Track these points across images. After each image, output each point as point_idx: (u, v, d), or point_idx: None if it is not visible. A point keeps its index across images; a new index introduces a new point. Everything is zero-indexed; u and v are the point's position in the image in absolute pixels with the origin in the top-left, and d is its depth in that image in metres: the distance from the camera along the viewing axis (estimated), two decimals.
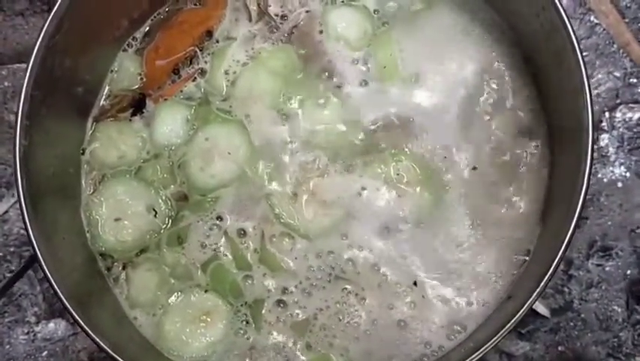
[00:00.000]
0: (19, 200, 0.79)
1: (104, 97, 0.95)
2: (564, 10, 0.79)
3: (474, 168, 0.91)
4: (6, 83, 1.13)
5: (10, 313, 1.07)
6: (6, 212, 1.10)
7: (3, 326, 1.07)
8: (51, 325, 1.06)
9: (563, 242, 0.75)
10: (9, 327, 1.07)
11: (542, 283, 0.75)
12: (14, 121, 1.09)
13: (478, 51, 0.93)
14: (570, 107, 0.80)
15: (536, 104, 0.92)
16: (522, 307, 0.75)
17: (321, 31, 0.94)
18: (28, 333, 1.07)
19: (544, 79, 0.90)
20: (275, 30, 0.95)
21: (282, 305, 0.89)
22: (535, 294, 0.75)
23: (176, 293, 0.89)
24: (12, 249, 1.09)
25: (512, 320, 0.75)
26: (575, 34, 0.78)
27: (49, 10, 0.82)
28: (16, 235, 1.09)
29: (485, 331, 0.82)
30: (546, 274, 0.75)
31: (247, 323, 0.89)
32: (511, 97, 0.92)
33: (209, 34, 0.94)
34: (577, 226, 0.77)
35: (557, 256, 0.75)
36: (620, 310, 1.04)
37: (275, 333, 0.89)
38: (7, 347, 1.06)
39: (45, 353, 1.06)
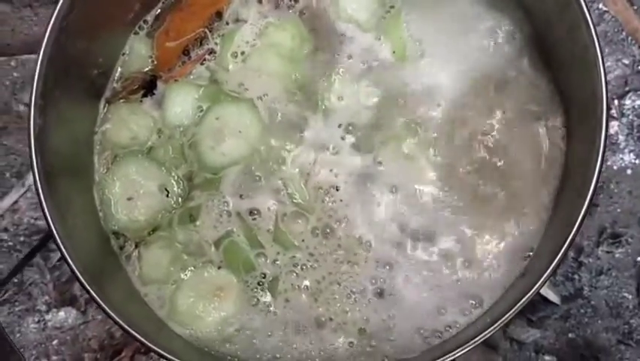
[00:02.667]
0: (34, 179, 0.80)
1: (115, 79, 0.95)
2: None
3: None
4: (15, 74, 1.14)
5: (21, 302, 1.07)
6: (16, 202, 1.10)
7: (13, 315, 1.07)
8: (61, 313, 1.07)
9: (577, 218, 0.75)
10: (19, 316, 1.07)
11: (556, 260, 0.75)
12: (23, 111, 1.12)
13: (490, 30, 0.93)
14: (584, 84, 0.80)
15: (550, 84, 0.91)
16: (536, 284, 0.75)
17: (331, 13, 0.94)
18: (38, 322, 1.07)
19: (557, 57, 0.90)
20: (286, 9, 0.95)
21: (296, 277, 0.90)
22: (549, 270, 0.75)
23: (189, 268, 0.90)
24: (22, 238, 1.10)
25: (527, 296, 0.75)
26: (587, 8, 0.78)
27: (57, 2, 0.82)
28: (26, 224, 1.10)
29: (499, 307, 0.82)
30: (559, 252, 0.75)
31: (258, 300, 0.90)
32: (524, 76, 0.92)
33: (219, 15, 0.94)
34: (590, 203, 0.77)
35: (573, 228, 0.75)
36: (630, 297, 1.04)
37: (290, 305, 0.89)
38: (18, 335, 1.07)
39: (55, 341, 1.06)
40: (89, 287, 0.77)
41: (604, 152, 0.77)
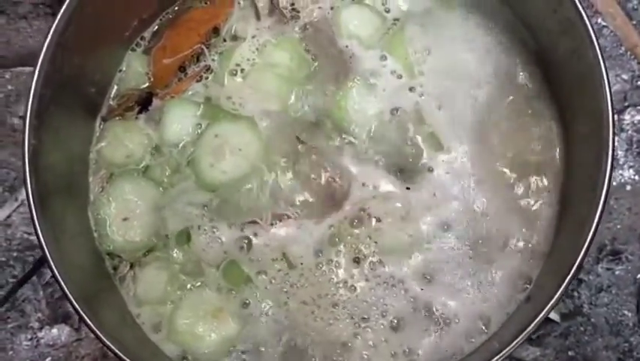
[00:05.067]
0: (27, 199, 0.78)
1: (112, 96, 0.94)
2: (580, 4, 0.79)
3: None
4: (9, 87, 1.13)
5: (13, 319, 1.06)
6: (9, 216, 1.10)
7: (6, 332, 1.06)
8: (54, 330, 1.06)
9: (585, 240, 0.74)
10: (12, 333, 1.06)
11: (565, 282, 0.74)
12: (17, 124, 1.11)
13: (492, 51, 0.92)
14: (589, 103, 0.80)
15: (552, 104, 0.91)
16: (543, 310, 0.74)
17: (334, 29, 0.94)
18: (31, 339, 1.06)
19: (559, 77, 0.89)
20: (286, 25, 0.94)
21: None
22: (558, 294, 0.74)
23: (187, 288, 0.89)
24: (15, 254, 1.09)
25: (533, 323, 0.75)
26: (592, 27, 0.77)
27: (54, 14, 0.82)
28: (19, 239, 1.09)
29: (505, 333, 0.81)
30: (568, 274, 0.74)
31: (258, 317, 0.88)
32: (525, 97, 0.91)
33: (216, 31, 0.94)
34: (599, 223, 0.76)
35: (580, 254, 0.74)
36: (630, 314, 1.04)
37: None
38: (11, 353, 1.06)
39: (48, 359, 1.06)
40: (82, 312, 0.76)
41: (610, 176, 0.76)
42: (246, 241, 0.89)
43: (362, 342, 0.86)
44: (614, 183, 1.06)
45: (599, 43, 0.77)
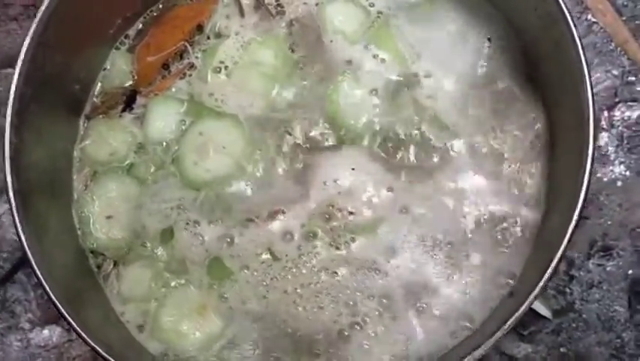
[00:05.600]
0: (8, 199, 0.78)
1: (96, 94, 0.95)
2: (563, 1, 0.79)
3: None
4: None
5: (4, 320, 1.06)
6: None
7: None
8: (45, 331, 1.05)
9: (565, 233, 0.74)
10: (2, 334, 1.06)
11: (545, 276, 0.74)
12: None
13: (476, 46, 0.93)
14: (571, 98, 0.80)
15: (537, 99, 0.91)
16: (524, 303, 0.74)
17: (319, 25, 0.94)
18: (21, 340, 1.05)
19: (544, 73, 0.89)
20: (272, 21, 0.95)
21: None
22: (537, 289, 0.74)
23: (171, 286, 0.89)
24: (5, 255, 1.08)
25: (514, 316, 0.75)
26: (574, 23, 0.77)
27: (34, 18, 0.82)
28: (9, 240, 1.08)
29: (488, 328, 0.81)
30: (548, 267, 0.74)
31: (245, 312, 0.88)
32: (510, 94, 0.92)
33: (200, 28, 0.94)
34: (580, 216, 0.76)
35: (561, 246, 0.74)
36: (622, 310, 1.03)
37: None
38: (1, 353, 1.05)
39: (39, 360, 1.05)
40: (64, 312, 0.76)
41: (590, 174, 0.76)
42: (228, 240, 0.89)
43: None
44: (605, 180, 1.06)
45: (580, 39, 0.77)
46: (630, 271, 1.04)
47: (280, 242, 0.89)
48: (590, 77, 0.76)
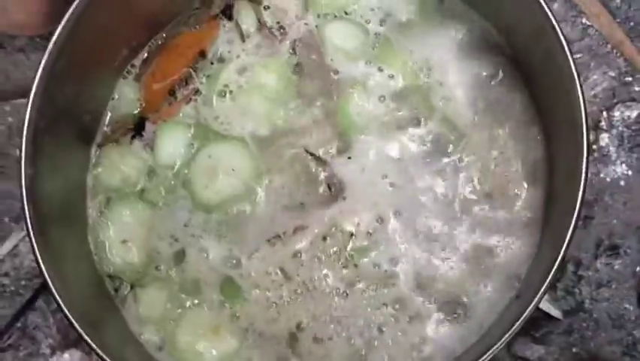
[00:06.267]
0: (26, 228, 0.80)
1: (106, 123, 0.96)
2: (551, 11, 0.80)
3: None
4: (10, 119, 1.14)
5: (25, 347, 1.07)
6: (16, 246, 1.11)
7: (18, 360, 1.07)
8: (66, 355, 1.06)
9: (566, 234, 0.76)
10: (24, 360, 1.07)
11: (549, 277, 0.75)
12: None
13: (471, 56, 0.95)
14: (564, 108, 0.81)
15: (531, 108, 0.93)
16: (530, 304, 0.75)
17: (320, 45, 0.96)
18: None
19: (537, 82, 0.91)
20: (275, 42, 0.96)
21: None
22: (542, 290, 0.75)
23: (186, 307, 0.90)
24: (23, 282, 1.09)
25: (522, 317, 0.76)
26: (562, 32, 0.79)
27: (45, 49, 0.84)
28: (27, 267, 1.10)
29: (496, 331, 0.82)
30: (552, 268, 0.75)
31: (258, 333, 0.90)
32: (505, 102, 0.93)
33: (203, 54, 0.96)
34: (579, 217, 0.77)
35: (563, 246, 0.76)
36: (631, 308, 1.04)
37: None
38: None
39: None
40: (85, 335, 0.77)
41: (587, 176, 0.78)
42: (239, 260, 0.91)
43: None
44: (608, 180, 1.07)
45: (569, 46, 0.78)
46: (638, 269, 1.04)
47: (291, 262, 0.91)
48: (581, 85, 0.78)
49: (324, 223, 0.91)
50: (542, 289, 0.75)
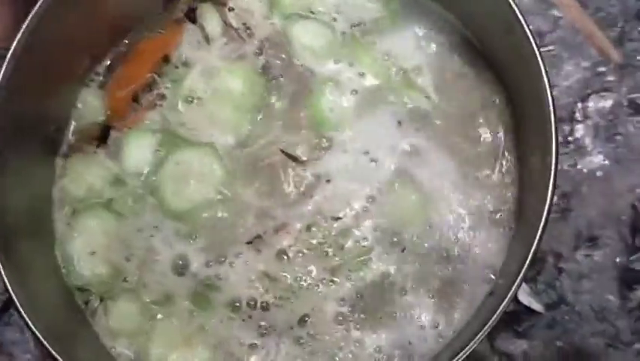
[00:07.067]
0: None
1: (71, 133, 0.95)
2: (516, 5, 0.81)
3: None
4: None
5: None
6: None
7: None
8: None
9: (537, 227, 0.75)
10: None
11: (523, 270, 0.75)
12: None
13: (442, 54, 0.95)
14: (533, 100, 0.81)
15: (502, 102, 0.93)
16: (505, 298, 0.75)
17: (288, 45, 0.95)
18: None
19: (506, 76, 0.91)
20: (243, 44, 0.96)
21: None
22: (516, 283, 0.75)
23: (157, 318, 0.89)
24: None
25: (497, 311, 0.75)
26: (529, 26, 0.79)
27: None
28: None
29: (473, 327, 0.82)
30: (526, 261, 0.75)
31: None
32: (476, 95, 0.94)
33: (167, 59, 0.95)
34: (549, 213, 0.77)
35: (534, 242, 0.75)
36: (613, 298, 1.04)
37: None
38: None
39: None
40: (54, 351, 0.76)
41: (556, 172, 0.78)
42: (213, 266, 0.90)
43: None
44: (585, 171, 1.07)
45: (535, 41, 0.79)
46: (618, 260, 1.04)
47: (274, 263, 0.90)
48: (549, 79, 0.78)
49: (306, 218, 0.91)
50: (517, 282, 0.74)
